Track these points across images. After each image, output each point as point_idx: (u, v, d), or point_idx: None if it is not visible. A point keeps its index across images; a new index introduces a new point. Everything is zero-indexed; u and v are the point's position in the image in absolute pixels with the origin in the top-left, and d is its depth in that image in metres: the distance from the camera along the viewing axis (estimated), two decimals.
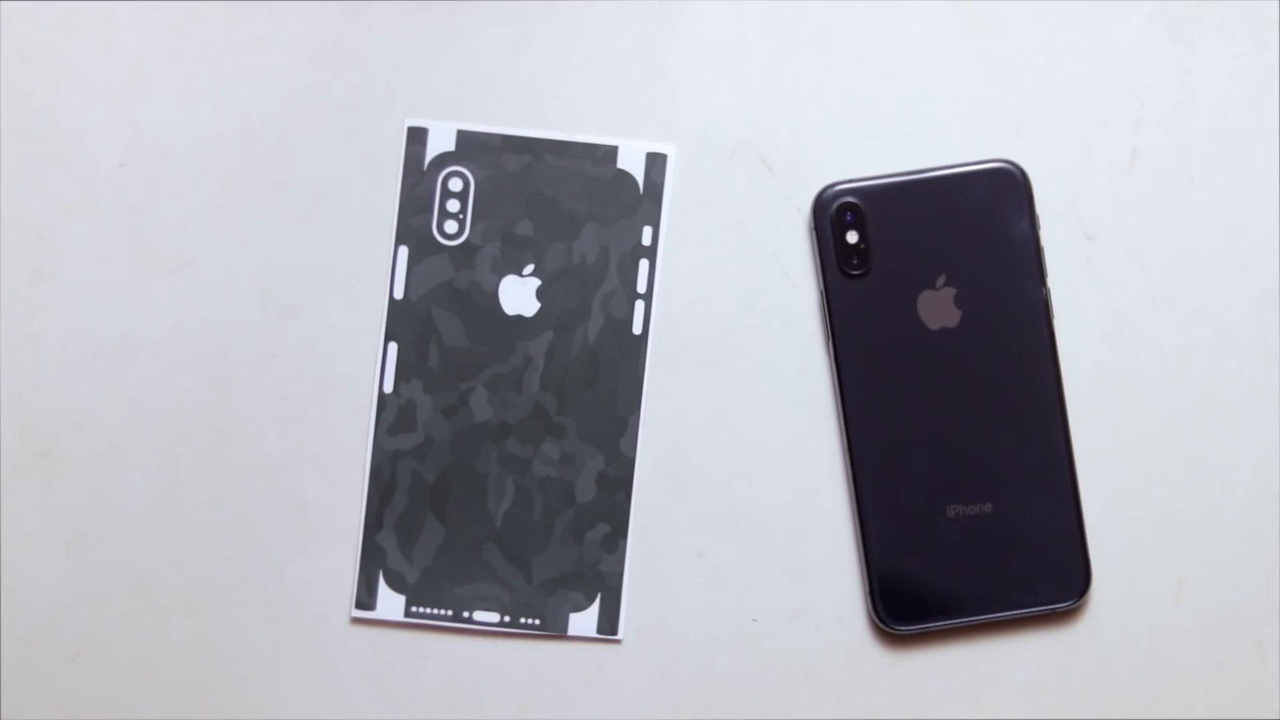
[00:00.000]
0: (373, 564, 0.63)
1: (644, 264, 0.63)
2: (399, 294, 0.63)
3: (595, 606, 0.62)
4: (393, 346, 0.63)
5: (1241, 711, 0.62)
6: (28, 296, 0.64)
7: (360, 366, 0.64)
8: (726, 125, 0.64)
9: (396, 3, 0.65)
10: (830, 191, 0.63)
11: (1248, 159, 0.64)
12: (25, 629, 0.64)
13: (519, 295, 0.63)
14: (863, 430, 0.62)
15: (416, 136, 0.63)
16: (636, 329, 0.63)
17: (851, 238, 0.62)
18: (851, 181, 0.63)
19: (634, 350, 0.63)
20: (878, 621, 0.62)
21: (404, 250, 0.63)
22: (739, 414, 0.63)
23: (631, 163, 0.63)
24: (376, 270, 0.64)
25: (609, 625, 0.62)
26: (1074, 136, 0.64)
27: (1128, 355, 0.64)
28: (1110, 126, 0.64)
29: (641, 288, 0.63)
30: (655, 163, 0.63)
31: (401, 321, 0.63)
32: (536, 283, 0.63)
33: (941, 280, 0.62)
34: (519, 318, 0.63)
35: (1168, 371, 0.64)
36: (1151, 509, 0.63)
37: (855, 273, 0.62)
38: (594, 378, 0.63)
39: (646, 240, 0.63)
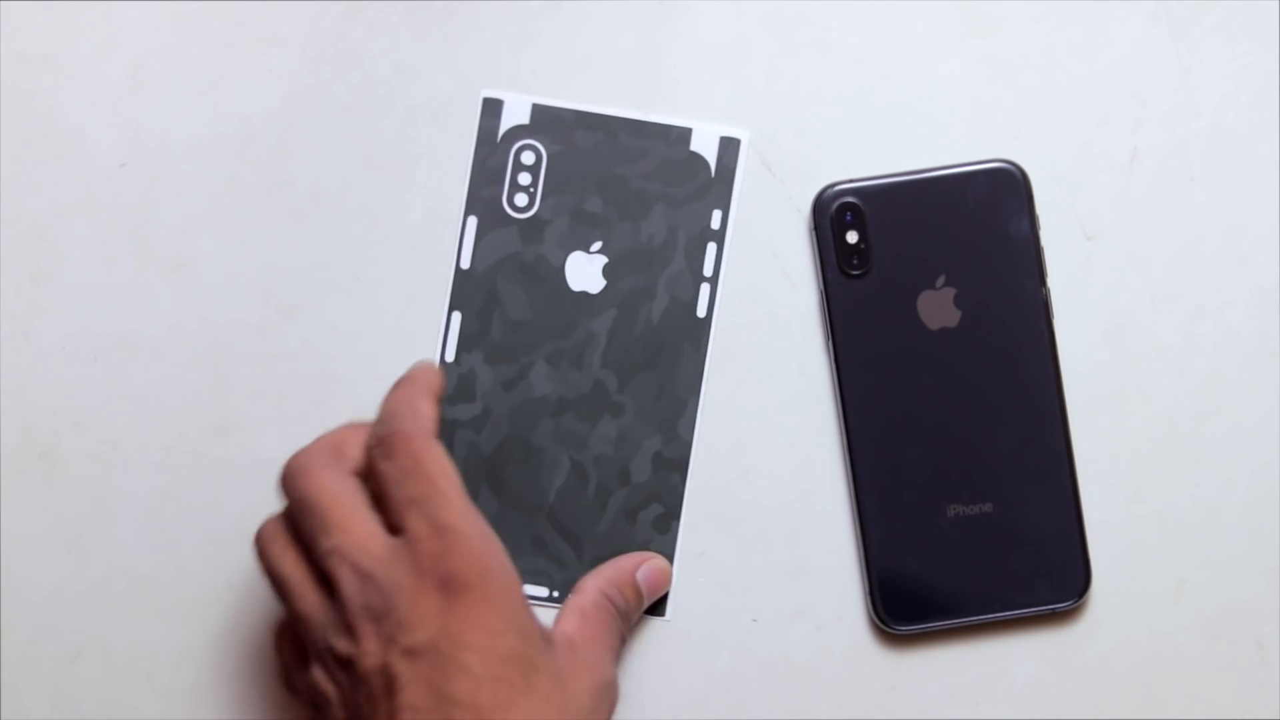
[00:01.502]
0: None
1: (712, 247, 0.63)
2: (465, 264, 0.62)
3: None
4: (456, 316, 0.62)
5: (1241, 711, 0.62)
6: (28, 296, 0.64)
7: (360, 366, 0.64)
8: (726, 125, 0.64)
9: (396, 3, 0.65)
10: (830, 191, 0.63)
11: (1248, 159, 0.64)
12: (25, 629, 0.64)
13: (585, 272, 0.63)
14: (863, 430, 0.62)
15: (491, 108, 0.63)
16: (701, 312, 0.63)
17: (851, 238, 0.62)
18: (851, 181, 0.63)
19: (697, 333, 0.63)
20: (878, 621, 0.62)
21: (473, 220, 0.62)
22: (739, 414, 0.63)
23: (704, 146, 0.63)
24: (377, 270, 0.64)
25: (659, 604, 0.63)
26: (1074, 136, 0.64)
27: (1128, 355, 0.64)
28: (1110, 126, 0.64)
29: (708, 271, 0.63)
30: (728, 147, 0.63)
31: (466, 292, 0.62)
32: (603, 260, 0.63)
33: (941, 280, 0.62)
34: (584, 294, 0.63)
35: (1168, 371, 0.64)
36: (1151, 509, 0.63)
37: (855, 273, 0.62)
38: (655, 358, 0.63)
39: (716, 224, 0.63)
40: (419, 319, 0.64)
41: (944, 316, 0.62)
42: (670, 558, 0.63)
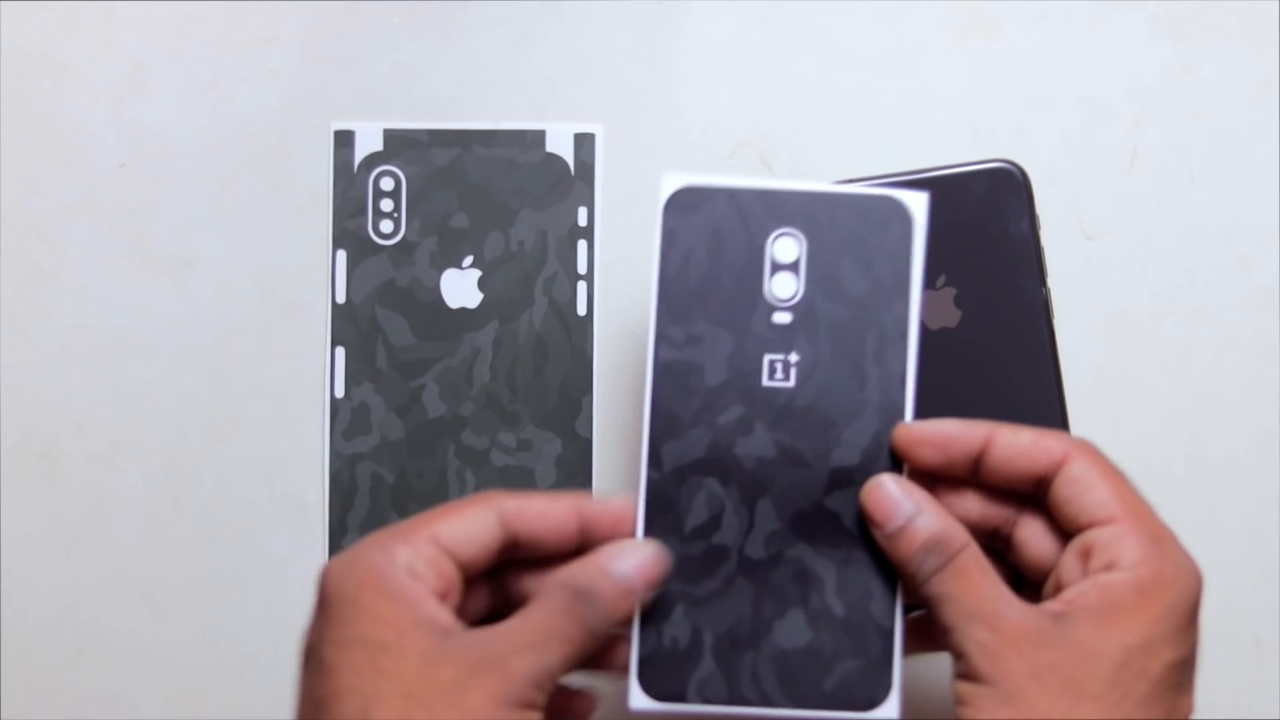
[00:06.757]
0: None
1: (582, 245, 0.63)
2: (340, 298, 0.63)
3: None
4: (340, 351, 0.63)
5: (1241, 711, 0.62)
6: (28, 296, 0.64)
7: None
8: (726, 125, 0.64)
9: (396, 3, 0.65)
10: None
11: (1248, 159, 0.64)
12: (25, 629, 0.64)
13: (461, 288, 0.63)
14: None
15: (344, 139, 0.63)
16: (580, 310, 0.63)
17: None
18: (851, 181, 0.63)
19: (580, 332, 0.63)
20: None
21: (342, 254, 0.63)
22: None
23: (560, 145, 0.63)
24: None
25: None
26: (1074, 136, 0.64)
27: (1128, 355, 0.64)
28: (1110, 126, 0.64)
29: (582, 269, 0.63)
30: (584, 143, 0.63)
31: (346, 325, 0.63)
32: (477, 274, 0.63)
33: (941, 280, 0.62)
34: (463, 310, 0.63)
35: (1168, 371, 0.64)
36: None
37: None
38: (543, 363, 0.63)
39: (583, 221, 0.63)
40: None
41: (944, 316, 0.62)
42: None
